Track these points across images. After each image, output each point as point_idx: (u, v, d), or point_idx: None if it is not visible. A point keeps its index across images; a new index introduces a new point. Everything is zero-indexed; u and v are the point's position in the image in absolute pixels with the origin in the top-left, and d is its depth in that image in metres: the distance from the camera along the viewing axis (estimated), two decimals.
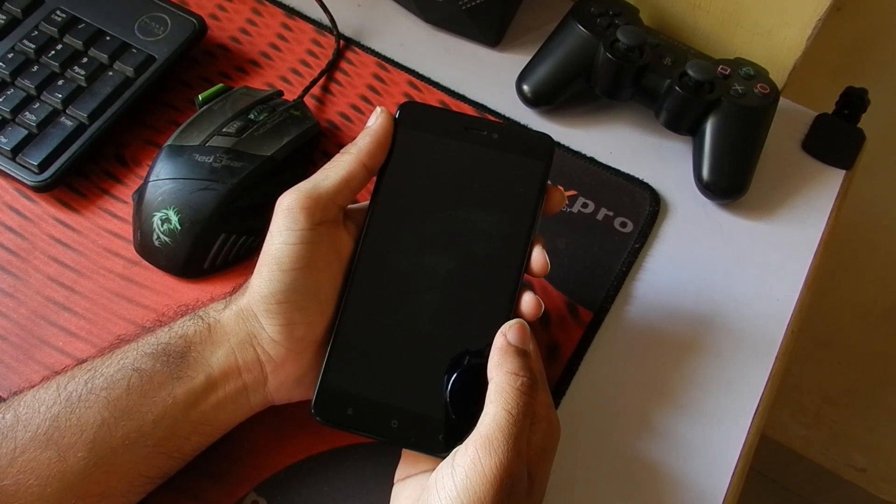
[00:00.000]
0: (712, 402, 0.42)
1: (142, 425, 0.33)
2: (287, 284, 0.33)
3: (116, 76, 0.47)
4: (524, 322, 0.34)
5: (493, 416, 0.31)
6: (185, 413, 0.33)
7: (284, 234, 0.34)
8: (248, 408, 0.35)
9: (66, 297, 0.43)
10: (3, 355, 0.40)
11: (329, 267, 0.35)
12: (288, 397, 0.36)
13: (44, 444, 0.31)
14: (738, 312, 0.45)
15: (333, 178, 0.35)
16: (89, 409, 0.32)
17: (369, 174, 0.36)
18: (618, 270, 0.46)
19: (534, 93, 0.51)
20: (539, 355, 0.35)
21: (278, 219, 0.34)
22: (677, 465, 0.40)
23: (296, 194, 0.34)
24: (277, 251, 0.34)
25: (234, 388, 0.34)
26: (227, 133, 0.43)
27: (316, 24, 0.55)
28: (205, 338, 0.34)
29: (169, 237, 0.42)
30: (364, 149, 0.36)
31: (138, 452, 0.33)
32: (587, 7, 0.50)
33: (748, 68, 0.49)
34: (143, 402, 0.33)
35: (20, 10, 0.49)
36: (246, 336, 0.34)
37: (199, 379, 0.33)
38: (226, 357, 0.34)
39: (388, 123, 0.37)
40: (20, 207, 0.45)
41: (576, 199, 0.48)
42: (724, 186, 0.48)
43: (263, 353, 0.34)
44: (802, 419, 1.20)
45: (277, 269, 0.34)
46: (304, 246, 0.34)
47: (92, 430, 0.32)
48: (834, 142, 0.52)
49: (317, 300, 0.34)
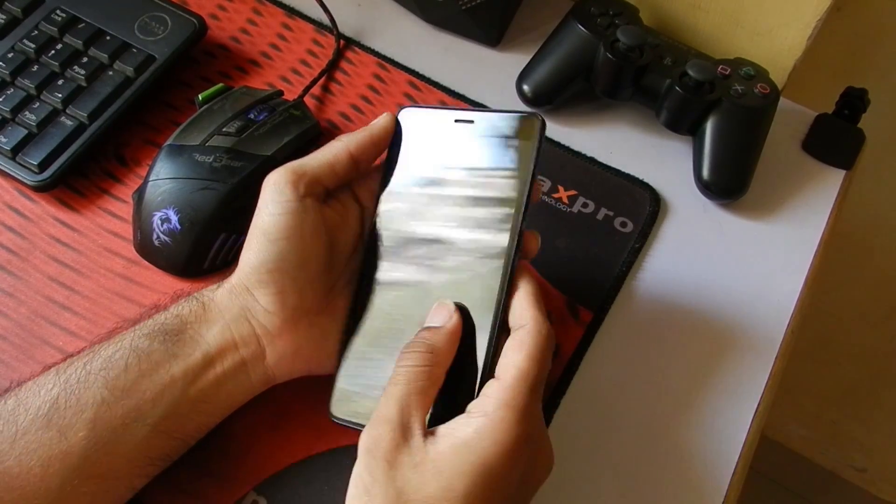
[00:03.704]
0: (712, 402, 0.42)
1: (141, 403, 0.33)
2: (275, 254, 0.34)
3: (116, 76, 0.47)
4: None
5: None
6: (184, 391, 0.34)
7: (271, 207, 0.35)
8: (250, 385, 0.36)
9: (67, 296, 0.43)
10: (4, 355, 0.40)
11: (316, 239, 0.35)
12: (289, 372, 0.36)
13: (44, 425, 0.32)
14: (738, 312, 0.45)
15: (319, 159, 0.37)
16: (88, 389, 0.33)
17: (355, 164, 0.37)
18: (618, 270, 0.46)
19: (534, 93, 0.51)
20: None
21: (265, 194, 0.36)
22: (677, 465, 0.40)
23: (282, 170, 0.36)
24: (264, 223, 0.35)
25: (232, 364, 0.35)
26: (227, 133, 0.43)
27: (316, 23, 0.55)
28: (199, 316, 0.35)
29: (169, 237, 0.42)
30: (354, 139, 0.37)
31: (139, 432, 0.33)
32: (587, 7, 0.50)
33: (748, 68, 0.49)
34: (142, 381, 0.33)
35: (20, 9, 0.49)
36: (240, 311, 0.35)
37: (196, 356, 0.34)
38: (221, 333, 0.35)
39: (387, 123, 0.38)
40: (20, 207, 0.45)
41: (576, 199, 0.48)
42: (724, 186, 0.48)
43: (259, 325, 0.35)
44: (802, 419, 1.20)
45: (265, 240, 0.35)
46: (290, 216, 0.35)
47: (92, 409, 0.32)
48: (834, 142, 0.52)
49: (305, 269, 0.35)
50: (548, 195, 0.48)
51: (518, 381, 0.31)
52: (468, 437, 0.30)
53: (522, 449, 0.30)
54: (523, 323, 0.32)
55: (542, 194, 0.48)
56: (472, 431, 0.30)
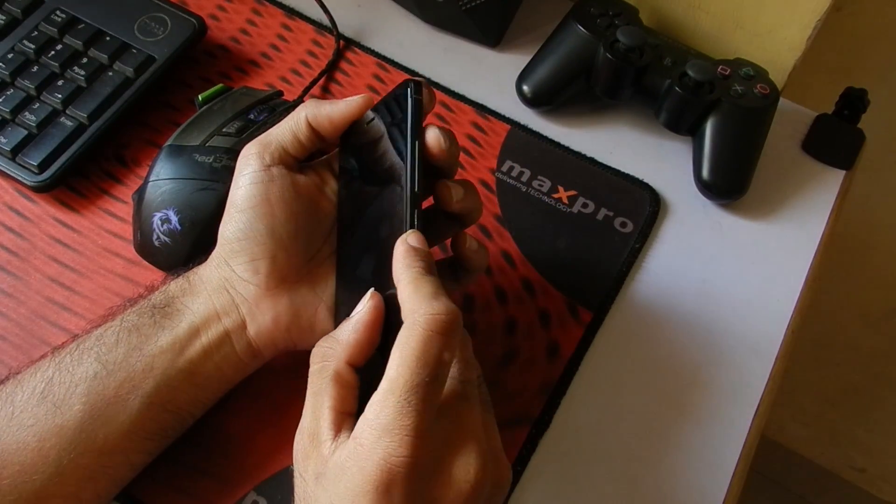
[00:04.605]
0: (712, 402, 0.42)
1: (132, 375, 0.34)
2: (244, 223, 0.35)
3: (116, 76, 0.47)
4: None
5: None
6: (173, 362, 0.34)
7: (239, 179, 0.36)
8: (236, 358, 0.36)
9: (67, 297, 0.43)
10: (4, 355, 0.40)
11: (284, 207, 0.36)
12: (272, 343, 0.36)
13: (39, 401, 0.33)
14: (738, 312, 0.45)
15: (283, 127, 0.37)
16: (81, 364, 0.34)
17: (313, 133, 0.37)
18: (618, 270, 0.46)
19: (534, 93, 0.51)
20: (474, 361, 0.33)
21: (237, 168, 0.37)
22: (677, 465, 0.40)
23: (250, 143, 0.37)
24: (233, 195, 0.36)
25: (216, 335, 0.35)
26: (227, 133, 0.43)
27: (316, 24, 0.55)
28: (185, 290, 0.36)
29: (169, 237, 0.42)
30: (313, 110, 0.37)
31: (132, 404, 0.33)
32: (587, 7, 0.50)
33: (748, 68, 0.49)
34: (132, 354, 0.34)
35: (20, 10, 0.49)
36: (220, 281, 0.36)
37: (182, 326, 0.35)
38: (204, 304, 0.35)
39: (356, 102, 0.37)
40: (20, 207, 0.45)
41: (576, 199, 0.48)
42: (724, 186, 0.48)
43: (237, 294, 0.36)
44: (802, 419, 1.20)
45: (234, 211, 0.36)
46: (255, 186, 0.35)
47: (85, 383, 0.33)
48: (834, 142, 0.52)
49: (274, 237, 0.35)
50: (548, 195, 0.48)
51: (386, 395, 0.27)
52: (342, 461, 0.28)
53: (398, 471, 0.27)
54: (404, 314, 0.29)
55: (542, 194, 0.48)
56: (345, 454, 0.28)
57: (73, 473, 0.33)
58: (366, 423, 0.27)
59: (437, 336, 0.28)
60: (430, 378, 0.28)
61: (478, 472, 0.28)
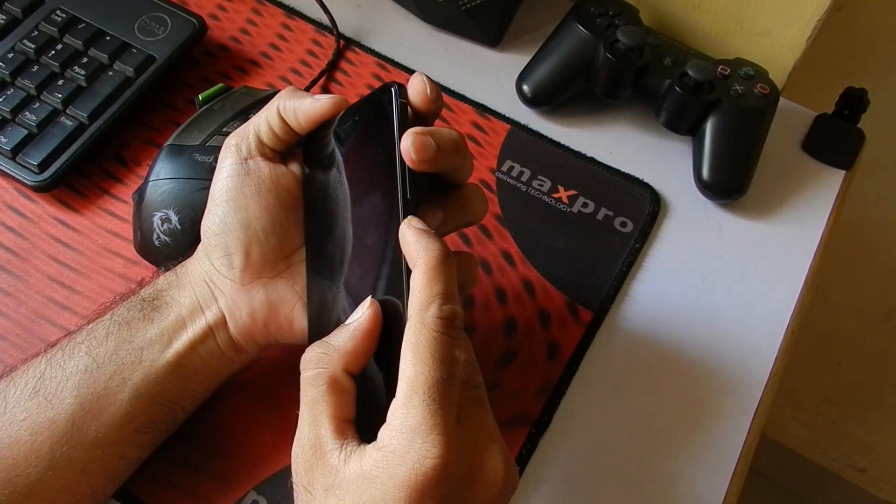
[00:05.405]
0: (712, 402, 0.42)
1: (122, 368, 0.34)
2: (219, 216, 0.35)
3: (116, 76, 0.47)
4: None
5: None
6: (161, 353, 0.34)
7: (218, 173, 0.36)
8: (220, 353, 0.36)
9: (67, 296, 0.43)
10: (3, 355, 0.41)
11: (258, 199, 0.35)
12: (251, 338, 0.36)
13: (31, 396, 0.33)
14: (738, 313, 0.45)
15: (259, 118, 0.37)
16: (72, 359, 0.34)
17: (285, 125, 0.36)
18: (618, 270, 0.46)
19: (534, 93, 0.51)
20: (475, 361, 0.32)
21: (218, 160, 0.36)
22: (677, 465, 0.40)
23: (231, 134, 0.37)
24: (212, 189, 0.36)
25: (200, 328, 0.35)
26: (227, 133, 0.43)
27: (316, 24, 0.55)
28: (172, 283, 0.36)
29: (169, 237, 0.42)
30: (283, 103, 0.36)
31: (122, 397, 0.34)
32: (587, 7, 0.50)
33: (748, 68, 0.49)
34: (122, 347, 0.34)
35: (20, 10, 0.49)
36: (202, 274, 0.36)
37: (170, 318, 0.35)
38: (189, 296, 0.35)
39: (325, 102, 0.35)
40: (20, 207, 0.45)
41: (576, 199, 0.48)
42: (724, 186, 0.48)
43: (215, 288, 0.36)
44: (802, 419, 1.20)
45: (212, 204, 0.36)
46: (232, 179, 0.35)
47: (76, 376, 0.33)
48: (834, 142, 0.52)
49: (248, 229, 0.35)
50: (548, 195, 0.48)
51: (409, 396, 0.27)
52: (366, 470, 0.27)
53: (433, 473, 0.26)
54: (411, 315, 0.28)
55: (543, 194, 0.48)
56: (370, 463, 0.27)
57: (66, 467, 0.33)
58: (392, 429, 0.27)
59: (447, 335, 0.28)
60: (448, 375, 0.27)
61: (505, 474, 0.28)
